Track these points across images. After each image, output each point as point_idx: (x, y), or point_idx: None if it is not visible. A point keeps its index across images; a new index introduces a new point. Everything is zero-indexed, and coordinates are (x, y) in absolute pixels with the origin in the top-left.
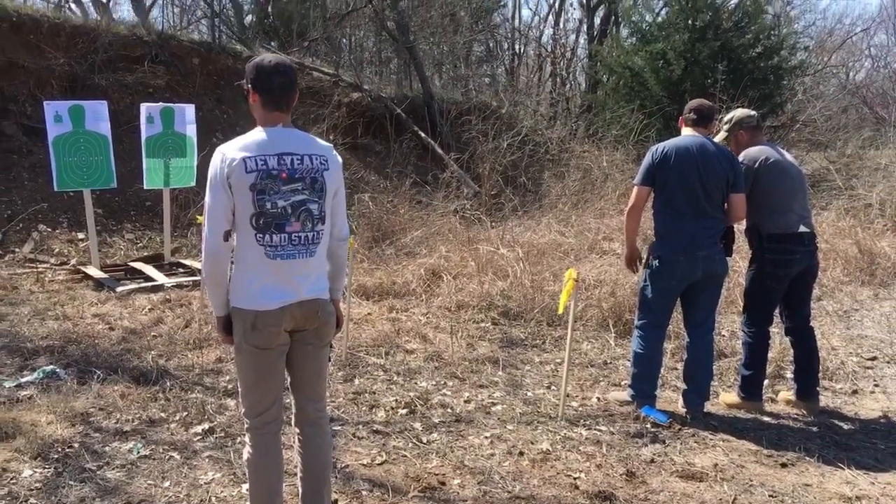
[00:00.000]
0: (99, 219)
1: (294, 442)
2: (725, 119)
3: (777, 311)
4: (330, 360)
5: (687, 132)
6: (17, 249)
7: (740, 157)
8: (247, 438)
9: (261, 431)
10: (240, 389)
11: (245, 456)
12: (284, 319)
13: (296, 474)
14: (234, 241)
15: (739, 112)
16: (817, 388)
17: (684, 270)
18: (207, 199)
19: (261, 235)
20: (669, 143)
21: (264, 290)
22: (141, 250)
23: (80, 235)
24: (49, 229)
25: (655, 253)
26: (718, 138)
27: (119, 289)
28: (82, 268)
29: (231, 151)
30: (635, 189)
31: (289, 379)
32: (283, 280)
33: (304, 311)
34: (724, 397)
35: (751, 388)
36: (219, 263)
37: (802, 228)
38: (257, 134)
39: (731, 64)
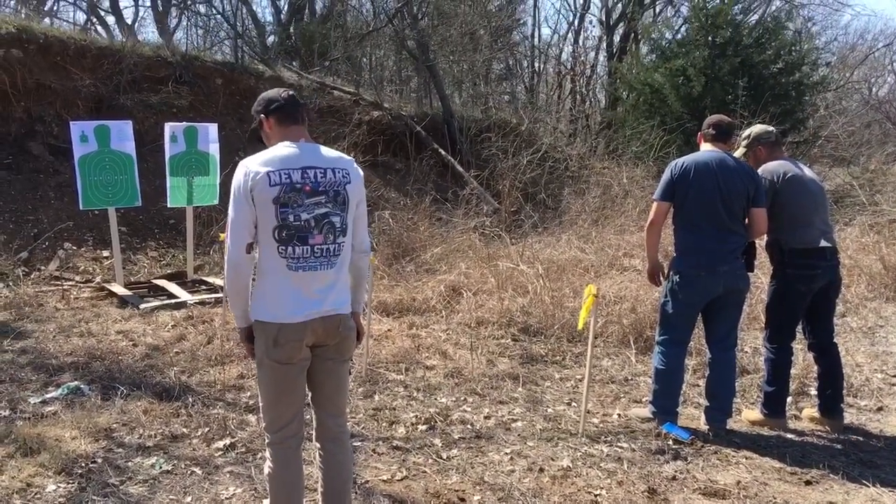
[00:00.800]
0: (123, 237)
1: (315, 457)
2: (744, 135)
3: (800, 327)
4: (350, 374)
5: (706, 147)
6: (42, 267)
7: (759, 172)
8: (267, 453)
9: (282, 446)
10: (261, 404)
11: (266, 470)
12: (306, 334)
13: (316, 489)
14: (256, 253)
15: (758, 128)
16: (841, 405)
17: (705, 286)
18: (231, 212)
19: (283, 248)
20: (689, 159)
21: (287, 303)
22: (164, 268)
23: (105, 253)
24: (74, 247)
25: (676, 268)
26: (737, 154)
27: (143, 306)
28: (107, 285)
29: (255, 165)
30: (654, 205)
31: (310, 394)
32: (304, 291)
33: (326, 326)
34: (747, 414)
35: (774, 405)
36: (241, 276)
37: (824, 243)
38: (281, 149)
39: (751, 80)
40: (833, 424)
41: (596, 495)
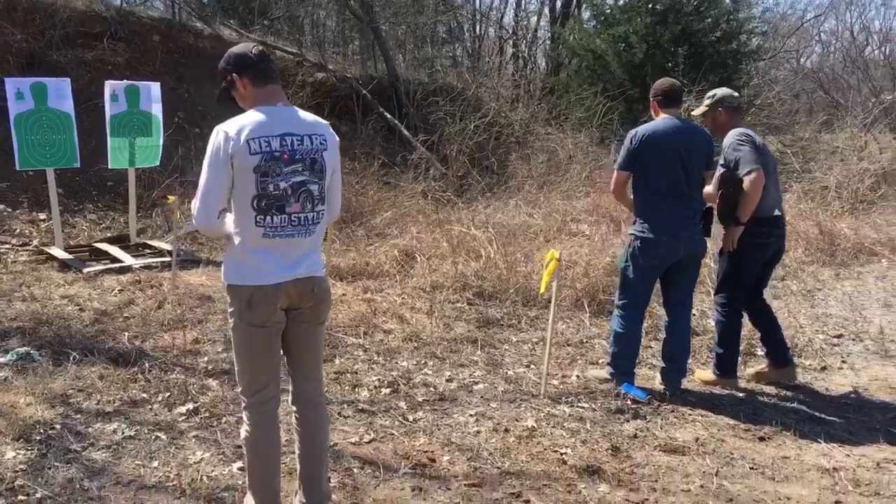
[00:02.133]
0: (60, 199)
1: (291, 420)
2: (708, 94)
3: None
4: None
5: (662, 115)
6: None
7: (735, 136)
8: (245, 417)
9: (259, 409)
10: (236, 368)
11: (243, 434)
12: (280, 296)
13: (290, 453)
14: (228, 217)
15: (723, 91)
16: (790, 355)
17: (667, 251)
18: (204, 176)
19: (261, 217)
20: (649, 128)
21: (260, 267)
22: (104, 231)
23: (41, 216)
24: (9, 209)
25: (637, 234)
26: (698, 112)
27: (86, 270)
28: (46, 248)
29: (234, 130)
30: (615, 174)
31: (285, 358)
32: (280, 258)
33: (300, 289)
34: (700, 374)
35: (726, 366)
36: (216, 231)
37: (777, 212)
38: (258, 114)
39: (691, 48)
40: (787, 374)
41: (562, 454)
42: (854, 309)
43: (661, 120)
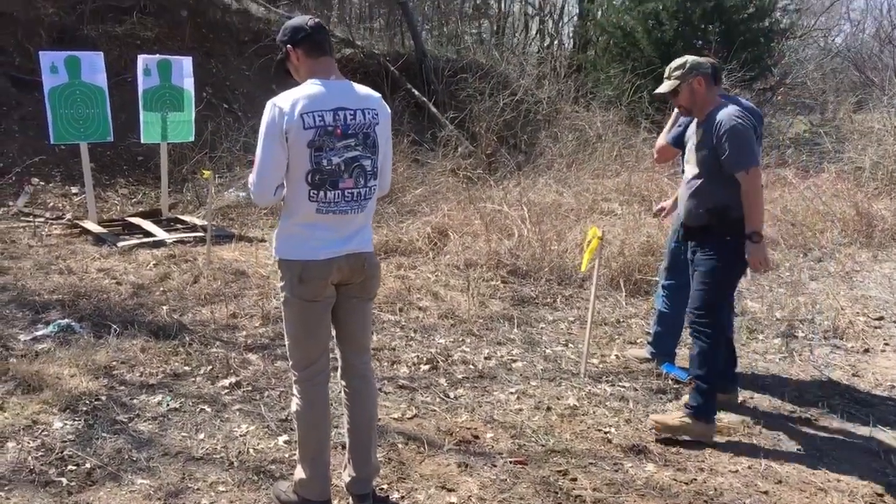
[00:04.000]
0: (92, 173)
1: (341, 395)
2: (675, 65)
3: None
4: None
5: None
6: (11, 203)
7: (734, 115)
8: (295, 391)
9: (310, 383)
10: (287, 342)
11: (294, 408)
12: (331, 272)
13: (339, 426)
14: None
15: (692, 57)
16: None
17: None
18: (259, 152)
19: (314, 192)
20: (740, 111)
21: (312, 242)
22: (136, 205)
23: (74, 190)
24: (42, 183)
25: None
26: (665, 88)
27: (120, 244)
28: (80, 222)
29: (288, 104)
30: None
31: (335, 333)
32: (332, 233)
33: (351, 264)
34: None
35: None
36: (271, 205)
37: None
38: (313, 87)
39: (722, 25)
40: (729, 399)
41: (606, 432)
42: (894, 291)
43: (734, 99)
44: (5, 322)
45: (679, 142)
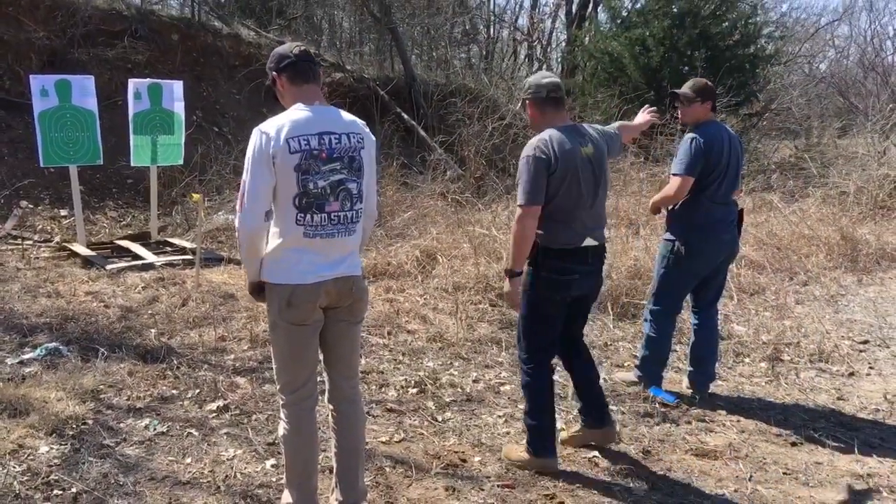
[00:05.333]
0: (81, 196)
1: (328, 418)
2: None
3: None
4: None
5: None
6: None
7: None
8: (282, 414)
9: (297, 407)
10: (275, 366)
11: (281, 432)
12: (319, 295)
13: (327, 450)
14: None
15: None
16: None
17: (711, 255)
18: (247, 178)
19: (301, 215)
20: (708, 132)
21: (300, 266)
22: (125, 228)
23: (63, 212)
24: (31, 206)
25: (682, 239)
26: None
27: (109, 266)
28: (68, 245)
29: (273, 130)
30: (682, 179)
31: (322, 356)
32: (320, 257)
33: (339, 288)
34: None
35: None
36: (257, 241)
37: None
38: (298, 112)
39: (708, 52)
40: (606, 435)
41: (593, 456)
42: (878, 315)
43: (712, 123)
44: None
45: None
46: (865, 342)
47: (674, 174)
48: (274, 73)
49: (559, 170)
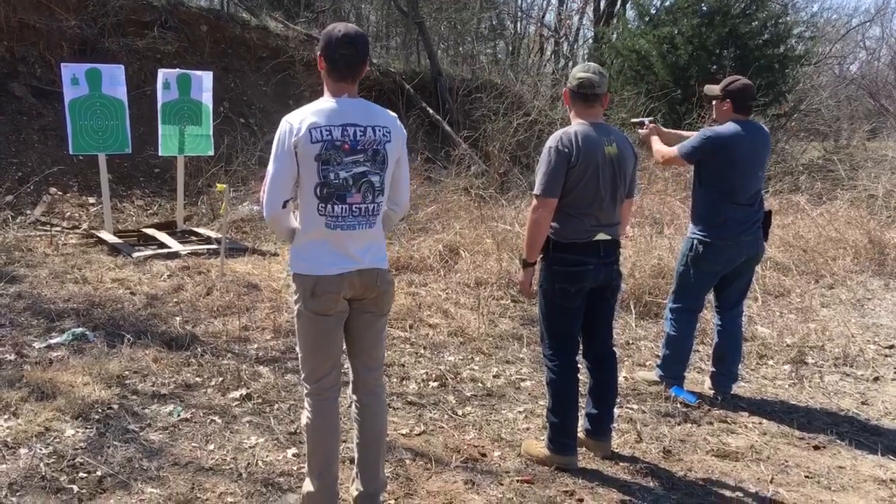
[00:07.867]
0: (109, 184)
1: (351, 409)
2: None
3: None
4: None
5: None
6: (28, 212)
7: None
8: (305, 404)
9: (320, 397)
10: (299, 355)
11: (304, 421)
12: (343, 286)
13: (348, 440)
14: (293, 207)
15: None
16: (611, 426)
17: (730, 255)
18: (271, 166)
19: (323, 206)
20: (729, 129)
21: (325, 257)
22: (151, 217)
23: (91, 200)
24: (60, 193)
25: (701, 238)
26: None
27: (135, 254)
28: (96, 232)
29: (297, 120)
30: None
31: (347, 348)
32: (342, 249)
33: (364, 280)
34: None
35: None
36: (281, 223)
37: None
38: (324, 103)
39: (737, 51)
40: (600, 447)
41: (613, 454)
42: None
43: (737, 122)
44: (20, 329)
45: None
46: (891, 347)
47: (677, 148)
48: (319, 52)
49: (580, 165)
